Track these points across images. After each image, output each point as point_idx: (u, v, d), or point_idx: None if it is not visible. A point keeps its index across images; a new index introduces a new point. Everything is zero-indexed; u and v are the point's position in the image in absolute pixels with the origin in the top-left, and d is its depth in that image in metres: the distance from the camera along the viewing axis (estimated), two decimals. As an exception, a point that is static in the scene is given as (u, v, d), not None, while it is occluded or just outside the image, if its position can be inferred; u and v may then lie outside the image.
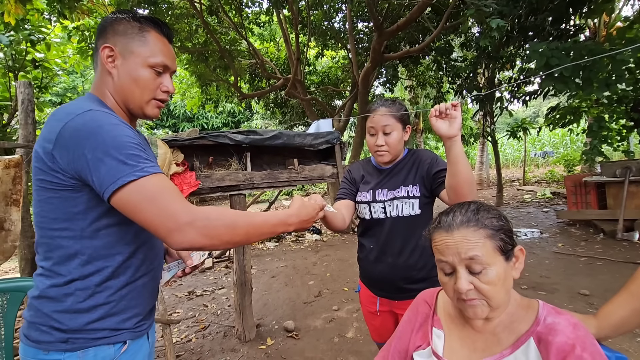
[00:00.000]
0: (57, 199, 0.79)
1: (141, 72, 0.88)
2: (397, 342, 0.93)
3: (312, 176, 2.85)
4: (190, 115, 17.03)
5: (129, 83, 0.88)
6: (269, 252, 6.02)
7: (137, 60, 0.87)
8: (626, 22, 5.12)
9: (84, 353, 0.80)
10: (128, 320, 0.87)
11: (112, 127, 0.76)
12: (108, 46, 0.86)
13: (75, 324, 0.80)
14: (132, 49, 0.87)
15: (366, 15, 7.31)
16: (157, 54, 0.89)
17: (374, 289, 1.45)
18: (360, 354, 2.50)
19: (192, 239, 0.74)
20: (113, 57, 0.87)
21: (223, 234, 0.78)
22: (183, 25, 7.19)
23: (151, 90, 0.90)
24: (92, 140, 0.74)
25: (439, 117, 1.11)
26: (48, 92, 5.91)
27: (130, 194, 0.73)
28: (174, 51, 0.96)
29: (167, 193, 0.75)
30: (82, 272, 0.81)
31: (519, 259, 0.78)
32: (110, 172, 0.73)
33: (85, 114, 0.76)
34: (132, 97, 0.89)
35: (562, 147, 17.93)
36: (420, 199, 1.33)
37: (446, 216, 0.79)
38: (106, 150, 0.73)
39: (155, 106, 0.93)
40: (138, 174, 0.74)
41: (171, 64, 0.93)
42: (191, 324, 3.28)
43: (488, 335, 0.78)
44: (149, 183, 0.74)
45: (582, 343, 0.68)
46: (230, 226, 0.79)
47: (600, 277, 3.59)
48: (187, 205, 0.76)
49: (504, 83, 8.46)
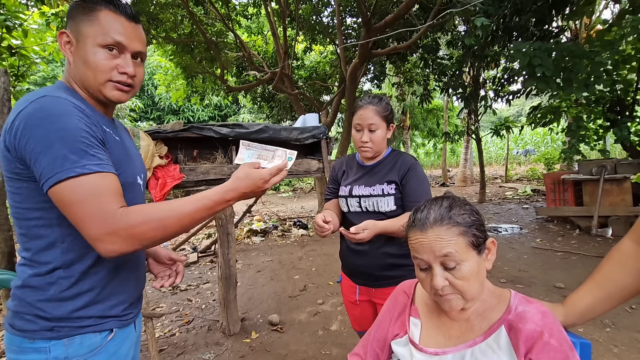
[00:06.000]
0: (25, 189, 0.78)
1: (91, 53, 0.82)
2: (376, 331, 0.95)
3: (298, 171, 2.85)
4: (176, 108, 16.69)
5: (82, 66, 0.84)
6: (255, 246, 6.01)
7: (87, 41, 0.83)
8: (605, 25, 5.30)
9: (69, 341, 0.80)
10: (114, 308, 0.87)
11: (60, 117, 0.73)
12: (64, 32, 0.84)
13: (60, 312, 0.80)
14: (82, 31, 0.83)
15: (355, 10, 7.30)
16: (108, 33, 0.83)
17: (354, 277, 1.52)
18: (344, 346, 2.55)
19: (118, 248, 0.73)
20: (70, 42, 0.84)
21: (153, 235, 0.76)
22: (168, 15, 7.02)
23: (104, 72, 0.84)
24: (37, 130, 0.71)
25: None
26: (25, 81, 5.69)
27: (63, 190, 0.71)
28: (139, 31, 0.89)
29: (99, 196, 0.72)
30: (64, 260, 0.80)
31: (490, 251, 0.81)
32: (50, 166, 0.70)
33: (37, 102, 0.74)
34: (87, 81, 0.85)
35: (543, 146, 18.46)
36: (395, 196, 1.40)
37: (420, 214, 0.81)
38: (49, 142, 0.71)
39: (113, 88, 0.86)
40: (78, 171, 0.71)
41: (126, 41, 0.85)
42: (175, 319, 3.26)
43: (462, 323, 0.82)
44: (85, 182, 0.71)
45: (550, 330, 0.71)
46: (159, 227, 0.76)
47: (575, 271, 3.74)
48: (114, 212, 0.73)
49: (489, 81, 8.62)
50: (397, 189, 1.40)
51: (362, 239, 1.27)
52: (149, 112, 16.65)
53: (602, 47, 4.53)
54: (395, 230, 1.28)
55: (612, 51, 4.55)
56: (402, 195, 1.39)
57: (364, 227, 1.28)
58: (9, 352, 0.82)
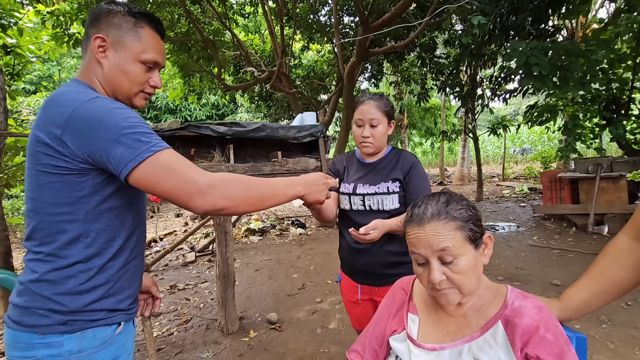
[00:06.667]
0: (60, 183, 0.80)
1: (132, 66, 0.91)
2: (374, 328, 0.96)
3: (295, 169, 2.86)
4: (173, 107, 16.62)
5: (119, 75, 0.90)
6: (253, 245, 6.00)
7: (129, 54, 0.90)
8: (601, 24, 5.32)
9: (82, 334, 0.82)
10: (123, 302, 0.91)
11: (121, 110, 0.81)
12: (100, 36, 0.88)
13: (76, 305, 0.82)
14: (124, 43, 0.89)
15: (352, 9, 7.30)
16: (149, 50, 0.92)
17: (356, 277, 1.50)
18: (343, 344, 2.55)
19: (212, 201, 0.79)
20: (104, 47, 0.89)
21: (239, 195, 0.82)
22: (165, 13, 6.99)
23: (140, 84, 0.93)
24: (104, 123, 0.77)
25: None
26: (21, 80, 5.65)
27: (148, 168, 0.77)
28: (164, 47, 1.00)
29: (182, 163, 0.80)
30: (86, 254, 0.83)
31: (487, 246, 0.82)
32: (127, 151, 0.76)
33: (94, 101, 0.80)
34: (121, 89, 0.92)
35: (540, 144, 18.53)
36: (400, 194, 1.39)
37: (418, 209, 0.81)
38: (120, 132, 0.77)
39: (142, 98, 0.97)
40: (153, 149, 0.78)
41: (162, 60, 0.97)
42: (173, 318, 3.25)
43: (460, 319, 0.82)
44: (164, 156, 0.79)
45: (546, 324, 0.72)
46: (245, 187, 0.83)
47: (571, 268, 3.76)
48: (202, 171, 0.81)
49: (486, 80, 8.64)
50: (401, 187, 1.39)
51: (372, 240, 1.27)
52: (145, 111, 16.56)
53: (597, 45, 4.55)
54: (399, 230, 1.28)
55: (607, 50, 4.58)
56: (405, 193, 1.39)
57: (373, 227, 1.28)
58: (13, 350, 0.81)
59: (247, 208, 0.86)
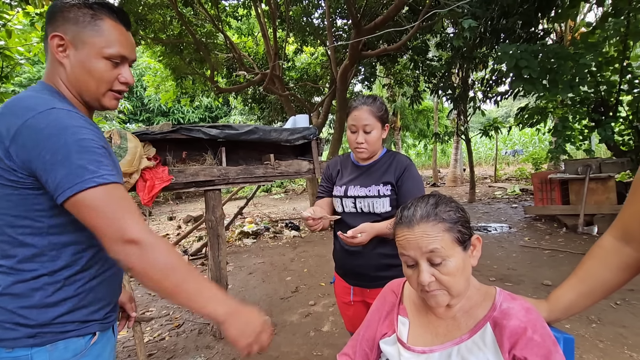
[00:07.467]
0: (16, 196, 0.76)
1: (96, 63, 0.83)
2: (365, 331, 0.96)
3: (288, 172, 2.85)
4: (166, 110, 16.49)
5: (83, 74, 0.83)
6: (247, 248, 5.97)
7: (91, 51, 0.82)
8: (589, 28, 5.42)
9: (53, 347, 0.78)
10: (97, 312, 0.86)
11: (77, 129, 0.74)
12: (57, 35, 0.81)
13: (44, 318, 0.78)
14: (84, 39, 0.81)
15: (345, 12, 7.34)
16: (112, 44, 0.83)
17: (348, 278, 1.51)
18: (336, 347, 2.55)
19: (126, 256, 0.73)
20: (64, 46, 0.82)
21: (157, 268, 0.74)
22: (157, 16, 6.95)
23: (107, 82, 0.85)
24: (53, 142, 0.71)
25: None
26: (10, 83, 5.57)
27: (86, 199, 0.72)
28: (132, 39, 0.90)
29: (120, 204, 0.74)
30: (52, 267, 0.79)
31: (476, 247, 0.83)
32: (69, 177, 0.71)
33: (48, 113, 0.73)
34: (87, 89, 0.85)
35: (531, 146, 18.76)
36: (391, 197, 1.40)
37: (407, 211, 0.82)
38: (68, 154, 0.71)
39: (112, 98, 0.88)
40: (97, 180, 0.72)
41: (129, 53, 0.87)
42: (165, 322, 3.21)
43: (449, 321, 0.82)
44: (103, 192, 0.73)
45: (533, 326, 0.73)
46: (169, 266, 0.75)
47: (562, 268, 3.81)
48: (138, 223, 0.74)
49: (477, 83, 8.74)
50: (393, 190, 1.39)
51: (360, 243, 1.28)
52: (138, 113, 16.43)
53: (586, 49, 4.63)
54: (389, 233, 1.29)
55: (595, 53, 4.66)
56: (397, 196, 1.39)
57: (361, 230, 1.29)
58: None
59: (155, 286, 0.76)
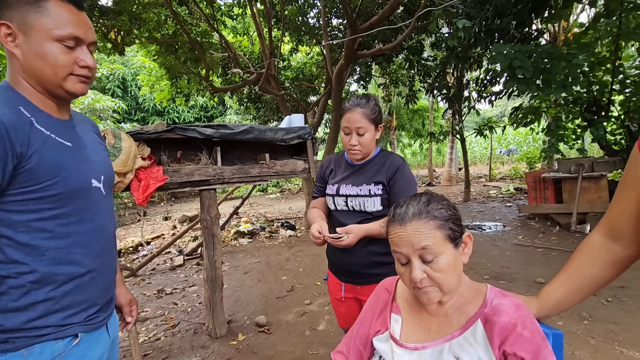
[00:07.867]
0: None
1: (47, 47, 0.77)
2: (359, 328, 0.96)
3: (283, 171, 2.85)
4: (161, 109, 16.37)
5: (37, 61, 0.77)
6: (242, 248, 5.96)
7: (39, 34, 0.76)
8: (582, 28, 5.48)
9: (28, 351, 0.76)
10: (76, 315, 0.83)
11: None
12: (3, 23, 0.76)
13: (12, 324, 0.75)
14: (30, 23, 0.76)
15: (340, 12, 7.34)
16: (63, 25, 0.77)
17: (340, 275, 1.54)
18: (331, 346, 2.55)
19: None
20: (12, 35, 0.77)
21: None
22: (151, 15, 6.90)
23: (64, 67, 0.79)
24: None
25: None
26: (1, 81, 5.53)
27: None
28: (87, 19, 0.83)
29: None
30: (15, 270, 0.76)
31: (467, 245, 0.84)
32: None
33: None
34: (44, 77, 0.79)
35: (525, 145, 18.89)
36: (382, 196, 1.41)
37: (399, 209, 0.83)
38: None
39: (77, 81, 0.82)
40: None
41: (83, 34, 0.81)
42: (160, 323, 3.20)
43: (441, 318, 0.84)
44: None
45: (523, 322, 0.74)
46: None
47: (555, 266, 3.85)
48: None
49: (472, 82, 8.79)
50: (384, 189, 1.40)
51: (347, 245, 1.30)
52: (132, 113, 16.30)
53: (578, 49, 4.68)
54: (381, 233, 1.30)
55: (588, 53, 4.71)
56: (389, 196, 1.40)
57: (348, 230, 1.30)
58: None
59: None
